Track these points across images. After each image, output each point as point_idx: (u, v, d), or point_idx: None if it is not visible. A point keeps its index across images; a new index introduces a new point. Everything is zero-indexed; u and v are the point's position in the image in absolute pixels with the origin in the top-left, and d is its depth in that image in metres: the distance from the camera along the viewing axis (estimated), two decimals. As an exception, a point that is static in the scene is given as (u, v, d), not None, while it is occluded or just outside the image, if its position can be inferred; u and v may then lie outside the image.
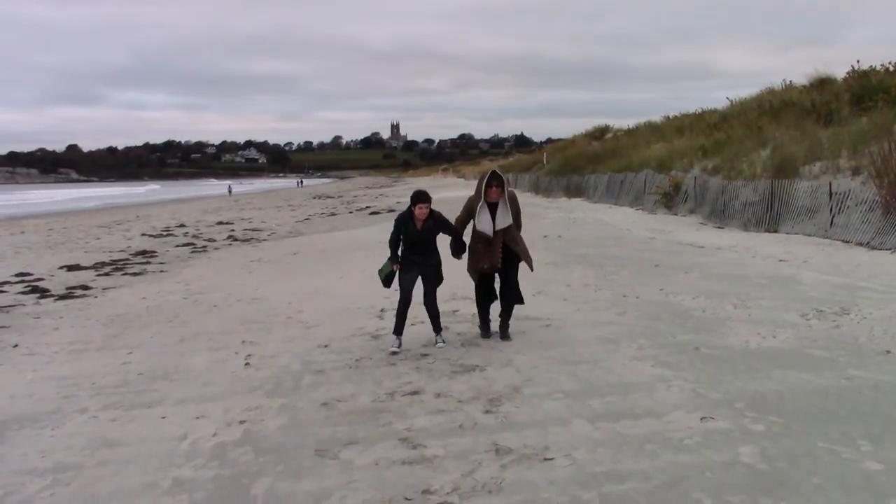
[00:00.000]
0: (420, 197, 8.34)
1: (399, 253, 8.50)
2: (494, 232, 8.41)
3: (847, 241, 15.23)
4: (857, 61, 24.66)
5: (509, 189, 8.65)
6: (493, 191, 8.42)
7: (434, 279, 8.57)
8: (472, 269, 8.65)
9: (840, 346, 7.75)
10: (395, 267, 8.48)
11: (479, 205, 8.46)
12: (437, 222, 8.43)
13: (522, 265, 8.73)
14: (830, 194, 16.46)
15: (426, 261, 8.45)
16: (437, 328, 8.71)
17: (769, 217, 18.65)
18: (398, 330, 8.44)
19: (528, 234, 9.45)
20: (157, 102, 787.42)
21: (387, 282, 8.64)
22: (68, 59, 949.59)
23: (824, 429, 5.48)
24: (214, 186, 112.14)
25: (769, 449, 5.14)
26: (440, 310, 8.80)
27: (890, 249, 13.71)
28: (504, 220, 8.42)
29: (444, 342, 8.58)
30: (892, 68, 23.68)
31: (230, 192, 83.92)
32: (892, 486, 4.52)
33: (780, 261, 13.93)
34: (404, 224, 8.36)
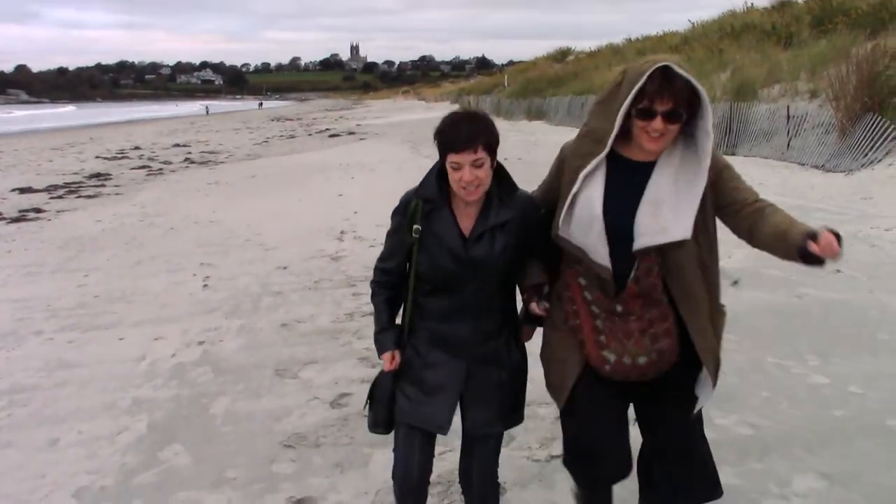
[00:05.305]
0: (459, 135, 2.67)
1: (399, 317, 2.98)
2: (643, 251, 2.71)
3: (803, 164, 15.39)
4: (819, -18, 24.44)
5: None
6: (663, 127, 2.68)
7: (498, 404, 2.90)
8: (553, 372, 2.90)
9: (792, 265, 7.87)
10: (390, 362, 2.88)
11: (590, 166, 2.72)
12: (525, 224, 2.91)
13: None
14: (788, 117, 16.56)
15: (473, 343, 2.85)
16: None
17: (727, 140, 18.73)
18: None
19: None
20: (96, 21, 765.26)
21: (376, 421, 2.95)
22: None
23: (775, 345, 5.63)
24: (193, 106, 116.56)
25: (721, 365, 5.25)
26: None
27: (844, 172, 13.90)
28: (682, 217, 2.72)
29: None
30: (852, -10, 23.65)
31: (207, 111, 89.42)
32: (836, 399, 4.67)
33: (737, 183, 14.05)
34: (422, 220, 2.78)
